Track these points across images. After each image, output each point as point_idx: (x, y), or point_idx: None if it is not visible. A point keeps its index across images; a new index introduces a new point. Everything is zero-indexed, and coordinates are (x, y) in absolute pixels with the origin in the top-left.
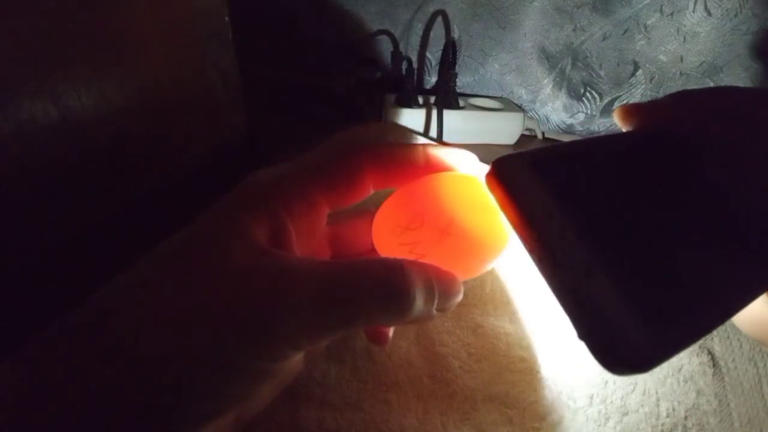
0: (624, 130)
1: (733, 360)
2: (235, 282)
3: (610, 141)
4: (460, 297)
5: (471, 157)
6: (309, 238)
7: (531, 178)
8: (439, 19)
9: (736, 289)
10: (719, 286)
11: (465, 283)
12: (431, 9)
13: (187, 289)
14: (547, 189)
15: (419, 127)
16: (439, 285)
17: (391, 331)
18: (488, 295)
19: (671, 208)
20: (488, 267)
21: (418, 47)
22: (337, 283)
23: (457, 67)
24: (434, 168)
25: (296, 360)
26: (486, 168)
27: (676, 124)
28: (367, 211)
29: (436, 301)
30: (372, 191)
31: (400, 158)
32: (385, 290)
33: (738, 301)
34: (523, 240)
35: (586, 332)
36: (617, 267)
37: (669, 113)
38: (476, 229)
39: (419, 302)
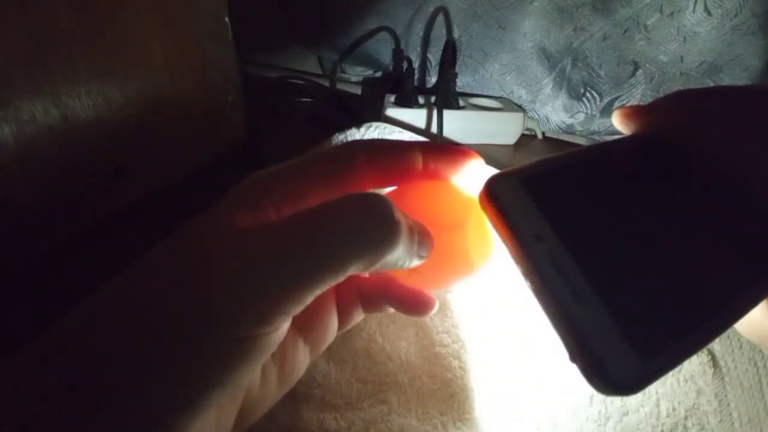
0: (623, 133)
1: (733, 360)
2: (201, 263)
3: (606, 150)
4: (431, 246)
5: (470, 161)
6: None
7: (523, 198)
8: (440, 19)
9: (733, 302)
10: (716, 301)
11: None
12: (431, 9)
13: (154, 287)
14: (539, 210)
15: (419, 126)
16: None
17: (430, 296)
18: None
19: (666, 221)
20: (465, 281)
21: (418, 47)
22: (302, 224)
23: (457, 67)
24: (430, 170)
25: (291, 343)
26: (485, 168)
27: (675, 126)
28: None
29: (416, 243)
30: (370, 190)
31: (396, 156)
32: (364, 214)
33: (734, 314)
34: (515, 260)
35: (576, 355)
36: (609, 290)
37: (668, 115)
38: (448, 261)
39: (405, 232)
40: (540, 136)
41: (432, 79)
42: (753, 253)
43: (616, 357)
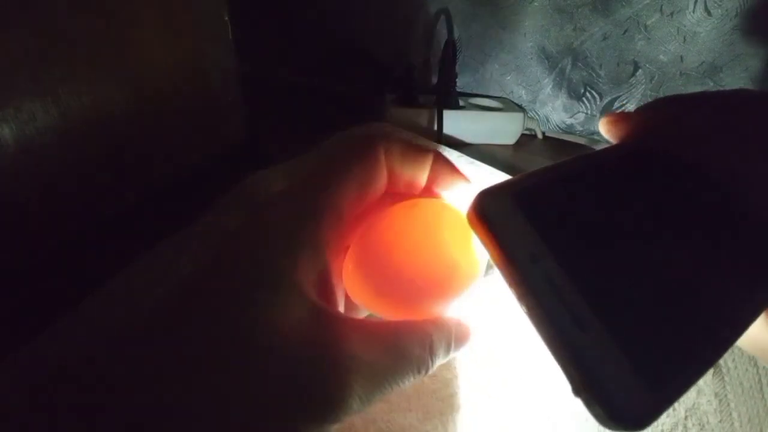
0: (612, 142)
1: (733, 360)
2: (290, 358)
3: (596, 161)
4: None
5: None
6: (337, 254)
7: (516, 216)
8: (440, 19)
9: (736, 317)
10: (720, 320)
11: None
12: (431, 9)
13: (227, 359)
14: (532, 227)
15: (419, 126)
16: (456, 343)
17: None
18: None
19: (663, 235)
20: (453, 304)
21: (418, 47)
22: (387, 357)
23: (457, 67)
24: (433, 181)
25: None
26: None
27: (663, 135)
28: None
29: (449, 356)
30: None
31: (412, 159)
32: (417, 366)
33: (737, 330)
34: (509, 284)
35: (581, 388)
36: (612, 315)
37: (655, 124)
38: (434, 295)
39: (435, 366)
40: (540, 136)
41: (432, 79)
42: (749, 264)
43: (623, 389)
